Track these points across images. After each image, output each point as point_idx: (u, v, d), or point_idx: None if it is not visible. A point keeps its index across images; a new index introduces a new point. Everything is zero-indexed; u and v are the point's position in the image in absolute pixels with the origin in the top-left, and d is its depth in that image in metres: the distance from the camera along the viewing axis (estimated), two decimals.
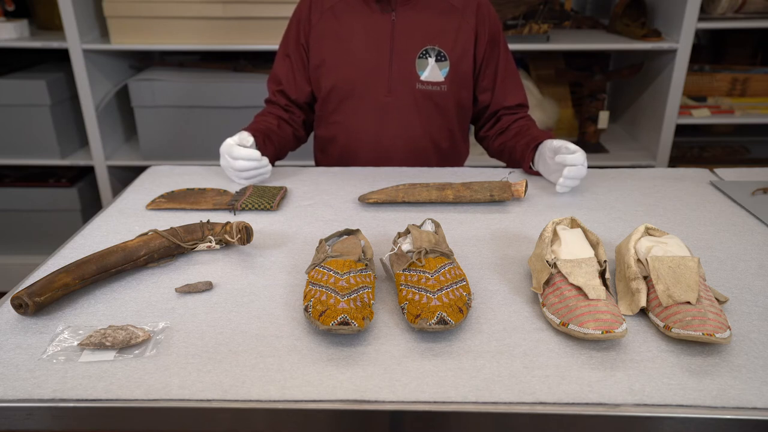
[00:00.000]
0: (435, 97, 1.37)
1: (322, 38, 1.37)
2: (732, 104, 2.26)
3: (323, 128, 1.45)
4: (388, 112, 1.38)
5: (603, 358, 0.71)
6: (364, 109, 1.38)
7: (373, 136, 1.40)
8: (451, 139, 1.45)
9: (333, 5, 1.37)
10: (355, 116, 1.39)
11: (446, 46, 1.35)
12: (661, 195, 1.20)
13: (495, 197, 1.15)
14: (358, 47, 1.35)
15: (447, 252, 0.85)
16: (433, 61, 1.35)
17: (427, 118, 1.39)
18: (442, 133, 1.43)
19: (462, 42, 1.36)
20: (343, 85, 1.37)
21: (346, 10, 1.36)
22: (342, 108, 1.40)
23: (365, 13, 1.35)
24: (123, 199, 1.18)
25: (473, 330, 0.77)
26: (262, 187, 1.22)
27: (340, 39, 1.36)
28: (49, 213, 2.32)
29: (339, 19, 1.36)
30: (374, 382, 0.67)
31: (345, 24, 1.36)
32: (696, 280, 0.77)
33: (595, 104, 2.27)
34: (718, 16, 2.12)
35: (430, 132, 1.41)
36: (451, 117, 1.42)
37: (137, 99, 2.13)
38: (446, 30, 1.35)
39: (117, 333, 0.73)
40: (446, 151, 1.45)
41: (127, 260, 0.88)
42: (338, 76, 1.37)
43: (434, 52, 1.34)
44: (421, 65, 1.35)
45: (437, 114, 1.40)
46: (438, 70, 1.35)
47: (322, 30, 1.37)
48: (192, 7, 2.02)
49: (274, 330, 0.77)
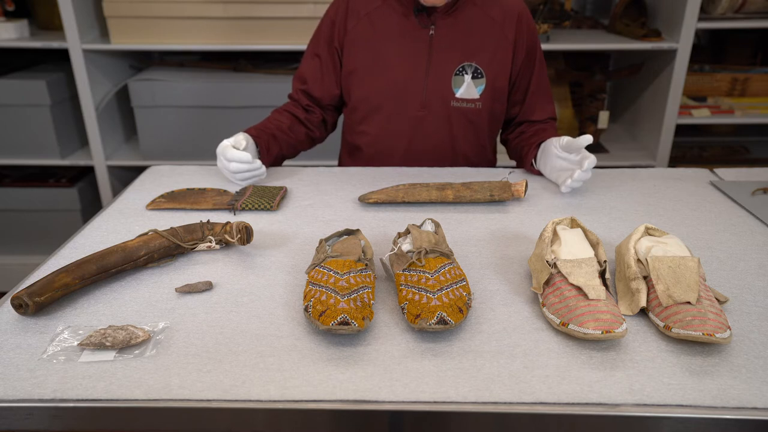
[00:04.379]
0: (469, 114, 1.35)
1: (357, 45, 1.34)
2: (732, 104, 2.26)
3: (351, 135, 1.44)
4: (420, 127, 1.36)
5: (603, 358, 0.71)
6: (394, 124, 1.36)
7: (402, 151, 1.38)
8: (482, 155, 1.44)
9: (370, 12, 1.33)
10: (384, 129, 1.37)
11: (483, 63, 1.32)
12: (661, 195, 1.20)
13: (495, 197, 1.15)
14: (394, 60, 1.32)
15: (447, 252, 0.85)
16: (470, 78, 1.32)
17: (459, 134, 1.37)
18: (474, 149, 1.41)
19: (500, 57, 1.33)
20: (375, 97, 1.35)
21: (383, 18, 1.33)
22: (371, 119, 1.38)
23: (403, 24, 1.32)
24: (123, 199, 1.18)
25: (473, 330, 0.77)
26: (262, 187, 1.22)
27: (375, 49, 1.33)
28: (49, 213, 2.32)
29: (375, 28, 1.33)
30: (374, 382, 0.67)
31: (381, 34, 1.32)
32: (696, 280, 0.77)
33: (595, 104, 2.27)
34: (718, 16, 2.11)
35: (461, 148, 1.39)
36: (483, 133, 1.40)
37: (137, 99, 2.13)
38: (485, 46, 1.32)
39: (117, 333, 0.73)
40: (475, 162, 1.44)
41: (127, 260, 0.88)
42: (371, 87, 1.34)
43: (471, 69, 1.32)
44: (457, 82, 1.33)
45: (470, 131, 1.38)
46: (474, 87, 1.33)
47: (358, 36, 1.34)
48: (192, 7, 2.02)
49: (274, 330, 0.77)
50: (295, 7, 2.00)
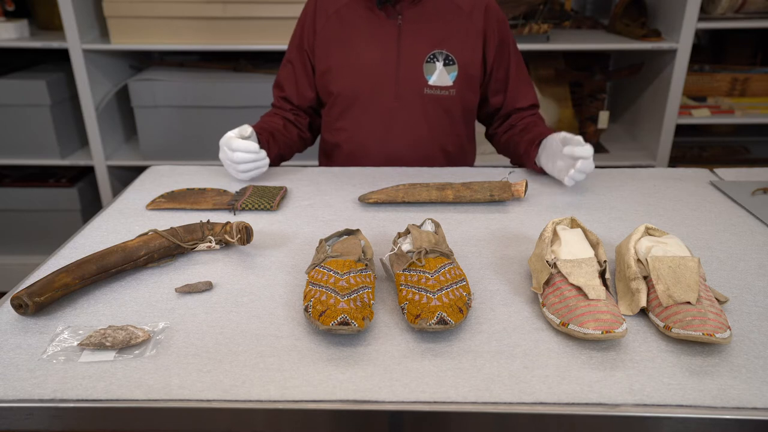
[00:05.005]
0: (443, 101, 1.36)
1: (328, 44, 1.36)
2: (732, 104, 2.26)
3: (328, 134, 1.45)
4: (396, 119, 1.36)
5: (603, 358, 0.71)
6: (370, 116, 1.37)
7: (379, 143, 1.38)
8: (458, 144, 1.44)
9: (338, 9, 1.35)
10: (361, 123, 1.38)
11: (454, 50, 1.33)
12: (661, 195, 1.20)
13: (495, 197, 1.15)
14: (365, 53, 1.33)
15: (447, 252, 0.85)
16: (441, 65, 1.33)
17: (435, 123, 1.38)
18: (450, 137, 1.41)
19: (470, 45, 1.34)
20: (349, 91, 1.35)
21: (351, 14, 1.34)
22: (347, 114, 1.38)
23: (371, 18, 1.34)
24: (123, 199, 1.18)
25: (473, 330, 0.77)
26: (262, 187, 1.22)
27: (345, 45, 1.34)
28: (49, 213, 2.32)
29: (344, 24, 1.34)
30: (374, 382, 0.67)
31: (350, 29, 1.34)
32: (696, 280, 0.77)
33: (595, 104, 2.27)
34: (718, 16, 2.12)
35: (438, 137, 1.39)
36: (458, 121, 1.41)
37: (137, 99, 2.13)
38: (453, 33, 1.34)
39: (117, 333, 0.73)
40: (454, 155, 1.44)
41: (127, 260, 0.88)
42: (345, 82, 1.35)
43: (442, 56, 1.33)
44: (429, 70, 1.33)
45: (445, 118, 1.38)
46: (446, 74, 1.34)
47: (328, 35, 1.35)
48: (192, 7, 2.02)
49: (274, 330, 0.77)
50: (295, 7, 2.00)
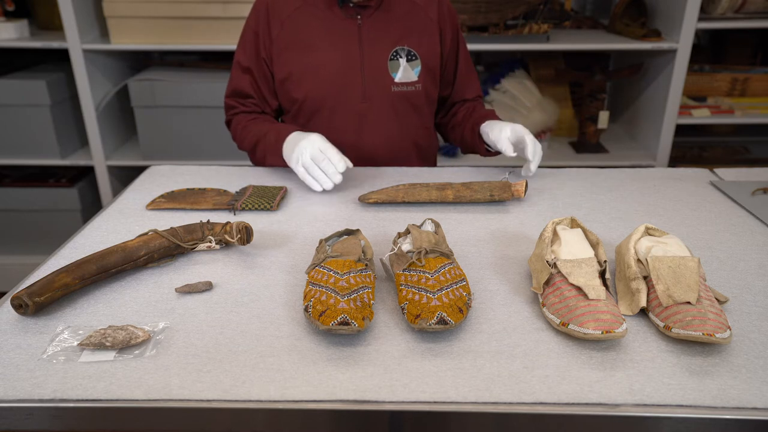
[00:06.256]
0: (411, 97, 1.37)
1: (286, 50, 1.32)
2: (732, 104, 2.26)
3: None
4: (366, 119, 1.35)
5: (603, 358, 0.71)
6: (339, 119, 1.35)
7: (351, 145, 1.36)
8: (428, 136, 1.46)
9: (291, 14, 1.31)
10: (330, 127, 1.35)
11: (415, 45, 1.34)
12: (661, 195, 1.20)
13: (495, 197, 1.15)
14: (327, 56, 1.31)
15: (447, 252, 0.85)
16: (405, 61, 1.33)
17: (404, 119, 1.38)
18: (420, 131, 1.42)
19: (428, 39, 1.36)
20: (315, 96, 1.33)
21: (307, 18, 1.31)
22: (315, 120, 1.36)
23: (328, 18, 1.31)
24: (123, 199, 1.18)
25: (473, 330, 0.77)
26: (262, 187, 1.22)
27: (305, 49, 1.31)
28: (49, 213, 2.32)
29: (301, 29, 1.31)
30: (374, 382, 0.67)
31: (308, 32, 1.31)
32: (696, 280, 0.77)
33: (595, 104, 2.27)
34: (718, 16, 2.12)
35: (408, 132, 1.40)
36: (425, 114, 1.42)
37: (137, 99, 2.13)
38: (412, 29, 1.35)
39: (117, 333, 0.73)
40: (424, 148, 1.46)
41: (127, 260, 0.88)
42: (309, 88, 1.32)
43: (404, 52, 1.33)
44: (393, 67, 1.33)
45: (414, 113, 1.39)
46: (410, 69, 1.34)
47: (285, 42, 1.31)
48: (192, 7, 2.02)
49: (274, 330, 0.77)
50: None
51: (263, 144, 1.30)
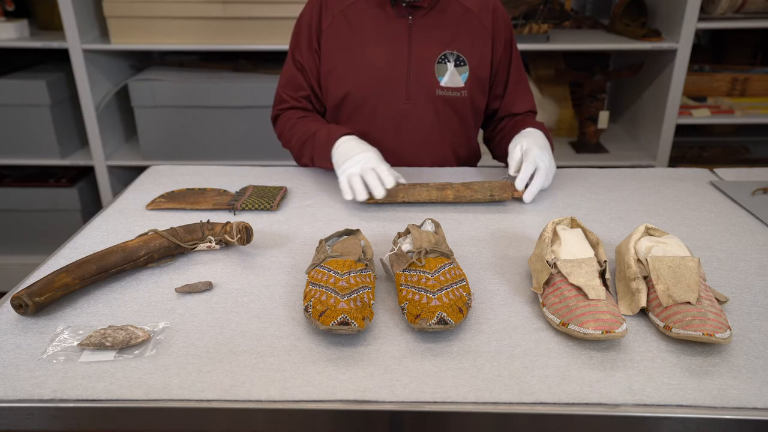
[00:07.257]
0: (455, 103, 1.34)
1: (333, 44, 1.32)
2: (732, 104, 2.26)
3: None
4: (407, 120, 1.34)
5: (603, 358, 0.71)
6: (381, 118, 1.33)
7: (391, 146, 1.34)
8: (469, 145, 1.43)
9: (344, 9, 1.31)
10: (371, 125, 1.34)
11: (465, 51, 1.31)
12: (661, 195, 1.20)
13: (495, 197, 1.15)
14: (374, 52, 1.30)
15: (447, 252, 0.85)
16: (453, 66, 1.31)
17: (446, 125, 1.36)
18: (461, 139, 1.40)
19: (480, 46, 1.32)
20: (358, 93, 1.32)
21: (358, 14, 1.31)
22: (356, 117, 1.35)
23: (380, 17, 1.30)
24: (123, 199, 1.18)
25: (473, 330, 0.77)
26: (262, 187, 1.22)
27: (352, 45, 1.31)
28: (49, 213, 2.32)
29: (351, 24, 1.31)
30: (374, 382, 0.67)
31: (358, 29, 1.31)
32: (696, 280, 0.77)
33: (595, 104, 2.27)
34: (718, 16, 2.12)
35: (449, 139, 1.37)
36: (469, 123, 1.39)
37: (137, 99, 2.13)
38: (464, 34, 1.32)
39: (117, 333, 0.73)
40: (463, 158, 1.43)
41: (127, 260, 0.88)
42: (352, 84, 1.31)
43: (453, 57, 1.31)
44: (440, 70, 1.31)
45: (457, 120, 1.36)
46: (458, 75, 1.31)
47: (334, 35, 1.32)
48: (192, 7, 2.02)
49: (274, 330, 0.77)
50: (295, 7, 2.00)
51: (311, 143, 1.28)
